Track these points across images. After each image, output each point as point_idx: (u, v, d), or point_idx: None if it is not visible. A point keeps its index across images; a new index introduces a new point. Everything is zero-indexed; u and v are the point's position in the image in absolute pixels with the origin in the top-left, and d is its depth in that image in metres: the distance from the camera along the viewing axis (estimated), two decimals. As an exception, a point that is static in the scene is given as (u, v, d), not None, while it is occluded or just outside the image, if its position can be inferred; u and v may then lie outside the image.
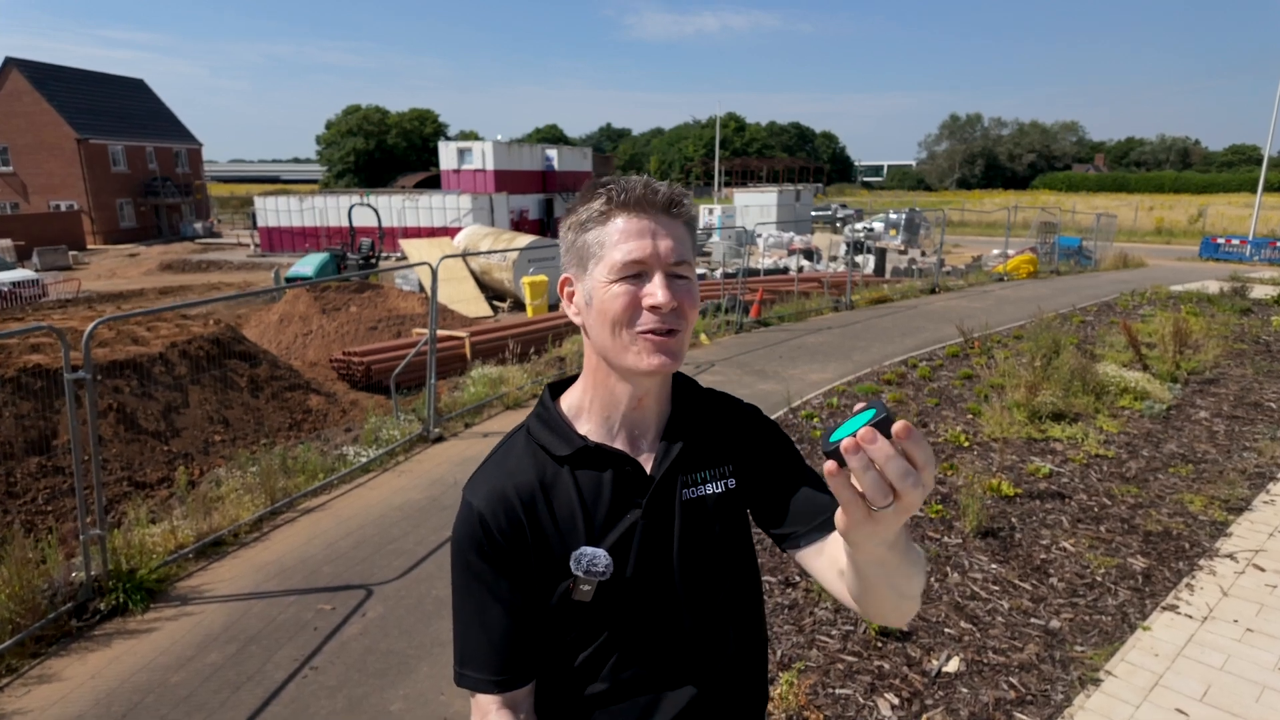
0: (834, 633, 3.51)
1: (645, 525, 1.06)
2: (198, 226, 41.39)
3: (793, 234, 28.15)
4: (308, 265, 18.20)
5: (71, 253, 30.48)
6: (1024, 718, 2.96)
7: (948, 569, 4.08)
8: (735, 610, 1.14)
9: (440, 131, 70.57)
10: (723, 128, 73.69)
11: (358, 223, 20.90)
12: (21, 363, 6.56)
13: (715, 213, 32.03)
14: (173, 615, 3.92)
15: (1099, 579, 3.99)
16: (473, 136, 58.08)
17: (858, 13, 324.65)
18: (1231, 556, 4.22)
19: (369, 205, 20.14)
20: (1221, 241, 23.62)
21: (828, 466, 0.73)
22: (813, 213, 37.14)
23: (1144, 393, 7.12)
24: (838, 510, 0.78)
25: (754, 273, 17.57)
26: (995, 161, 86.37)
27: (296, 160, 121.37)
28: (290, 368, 9.61)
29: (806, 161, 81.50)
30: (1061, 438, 6.08)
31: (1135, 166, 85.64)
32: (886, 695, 3.08)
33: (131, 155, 40.28)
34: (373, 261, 19.00)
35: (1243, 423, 6.54)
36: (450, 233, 24.30)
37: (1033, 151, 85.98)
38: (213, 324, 9.01)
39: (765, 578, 3.98)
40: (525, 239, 18.85)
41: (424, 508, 5.21)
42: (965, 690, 3.11)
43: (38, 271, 23.90)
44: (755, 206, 32.83)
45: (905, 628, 3.49)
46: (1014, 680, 3.18)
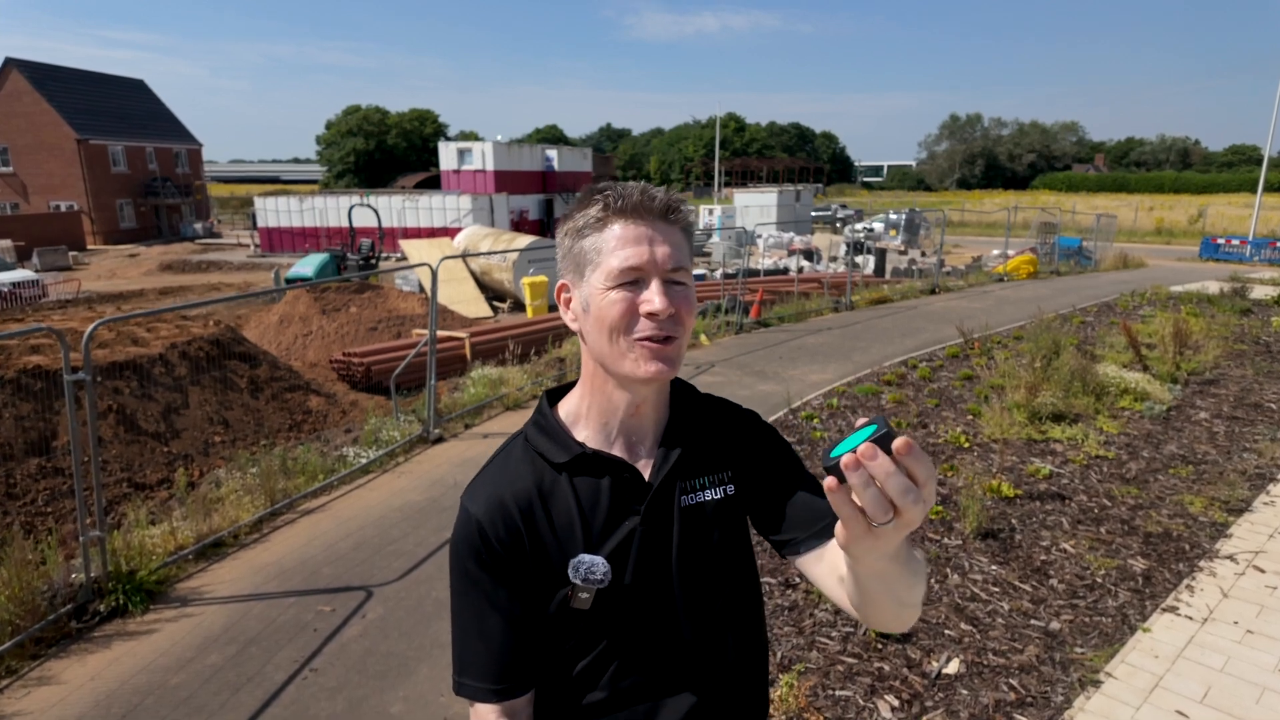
0: (834, 634, 3.51)
1: (644, 532, 1.06)
2: (198, 227, 41.40)
3: (793, 234, 28.18)
4: (308, 266, 18.19)
5: (71, 253, 30.49)
6: (1024, 719, 2.96)
7: (948, 570, 4.09)
8: (735, 617, 1.13)
9: (440, 132, 70.60)
10: (723, 128, 73.69)
11: (358, 223, 20.90)
12: (21, 364, 6.56)
13: (715, 213, 32.05)
14: (172, 617, 3.92)
15: (1099, 580, 3.99)
16: (473, 137, 58.14)
17: (858, 13, 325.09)
18: (1231, 558, 4.22)
19: (369, 206, 20.13)
20: (1221, 242, 23.62)
21: (828, 483, 0.73)
22: (813, 213, 37.17)
23: (1144, 393, 7.12)
24: (838, 524, 0.78)
25: (754, 273, 17.56)
26: (995, 162, 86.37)
27: (296, 160, 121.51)
28: (290, 368, 9.61)
29: (806, 162, 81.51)
30: (1061, 439, 6.08)
31: (1135, 166, 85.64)
32: (887, 697, 3.08)
33: (131, 156, 40.29)
34: (373, 262, 18.99)
35: (1243, 424, 6.54)
36: (450, 233, 24.31)
37: (1033, 151, 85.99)
38: (213, 325, 9.01)
39: (765, 579, 3.98)
40: (525, 239, 18.86)
41: (424, 509, 5.21)
42: (965, 692, 3.11)
43: (38, 272, 23.89)
44: (755, 207, 32.87)
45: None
46: (1014, 682, 3.18)
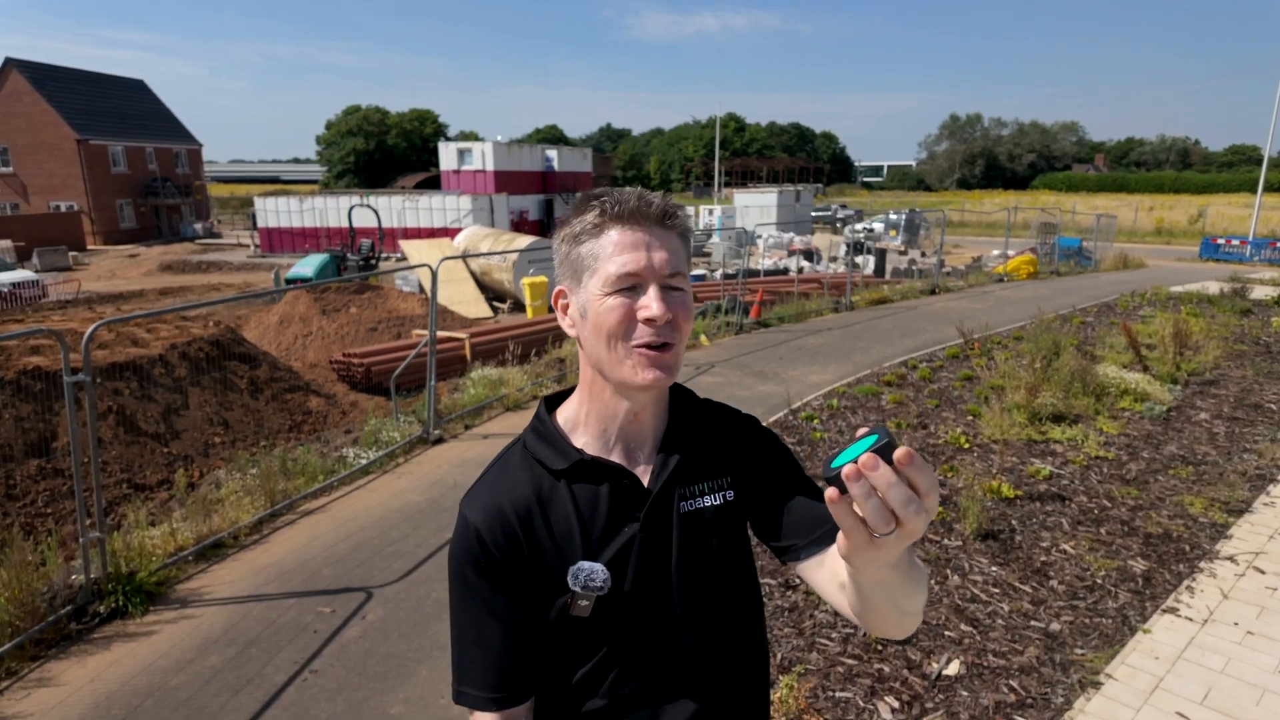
0: (834, 636, 3.51)
1: (643, 539, 1.05)
2: (198, 227, 41.42)
3: (793, 234, 28.18)
4: (308, 266, 18.20)
5: (71, 253, 30.50)
6: (1024, 722, 2.96)
7: (948, 571, 4.08)
8: (735, 623, 1.13)
9: (440, 132, 70.60)
10: (722, 128, 73.67)
11: (358, 223, 20.90)
12: (21, 365, 6.56)
13: (715, 213, 32.06)
14: (172, 618, 3.92)
15: (1099, 581, 3.99)
16: (473, 137, 58.11)
17: (858, 13, 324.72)
18: (1232, 559, 4.22)
19: (369, 206, 20.14)
20: (1221, 242, 23.62)
21: (829, 494, 0.72)
22: (813, 213, 37.20)
23: (1144, 394, 7.12)
24: (840, 534, 0.77)
25: (754, 273, 17.57)
26: (995, 162, 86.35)
27: (296, 161, 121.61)
28: (290, 369, 9.61)
29: (806, 162, 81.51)
30: (1062, 439, 6.08)
31: (1135, 167, 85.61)
32: (887, 698, 3.08)
33: (131, 156, 40.30)
34: (373, 262, 19.00)
35: (1243, 424, 6.53)
36: (450, 234, 24.33)
37: (1033, 152, 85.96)
38: (212, 325, 9.01)
39: (765, 580, 3.98)
40: (525, 240, 18.87)
41: (424, 510, 5.21)
42: (965, 693, 3.11)
43: (38, 272, 23.91)
44: (755, 207, 32.92)
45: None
46: (1014, 683, 3.18)
